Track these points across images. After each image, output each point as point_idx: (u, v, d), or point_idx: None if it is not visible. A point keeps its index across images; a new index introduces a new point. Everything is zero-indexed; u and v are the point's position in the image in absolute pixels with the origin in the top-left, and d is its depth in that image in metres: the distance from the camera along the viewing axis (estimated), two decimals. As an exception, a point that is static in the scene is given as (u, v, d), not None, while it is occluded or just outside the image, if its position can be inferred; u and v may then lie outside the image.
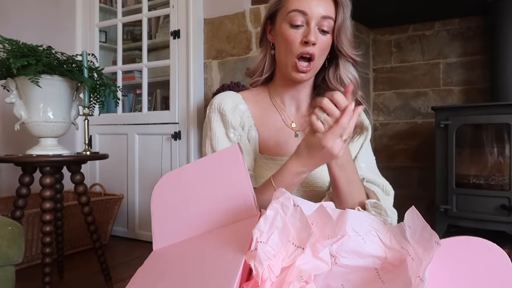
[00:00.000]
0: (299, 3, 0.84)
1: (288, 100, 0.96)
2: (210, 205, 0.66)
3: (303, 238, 0.52)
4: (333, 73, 0.93)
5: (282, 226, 0.54)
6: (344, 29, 0.88)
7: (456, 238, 0.56)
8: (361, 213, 0.58)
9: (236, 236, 0.58)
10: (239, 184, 0.66)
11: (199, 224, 0.66)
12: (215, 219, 0.65)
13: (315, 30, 0.84)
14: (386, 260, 0.56)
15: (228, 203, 0.65)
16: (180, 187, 0.69)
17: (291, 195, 0.55)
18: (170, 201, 0.68)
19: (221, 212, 0.65)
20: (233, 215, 0.64)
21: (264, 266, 0.50)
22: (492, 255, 0.54)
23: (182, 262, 0.60)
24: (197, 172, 0.69)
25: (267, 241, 0.52)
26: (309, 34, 0.83)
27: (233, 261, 0.52)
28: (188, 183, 0.68)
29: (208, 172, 0.68)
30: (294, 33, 0.85)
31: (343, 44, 0.88)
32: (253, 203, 0.64)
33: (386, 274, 0.54)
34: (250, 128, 0.92)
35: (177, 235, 0.67)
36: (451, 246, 0.55)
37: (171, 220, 0.68)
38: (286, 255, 0.53)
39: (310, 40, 0.83)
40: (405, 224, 0.55)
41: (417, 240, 0.53)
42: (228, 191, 0.66)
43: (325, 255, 0.52)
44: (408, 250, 0.54)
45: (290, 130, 0.95)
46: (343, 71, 0.91)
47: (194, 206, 0.67)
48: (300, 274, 0.50)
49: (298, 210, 0.54)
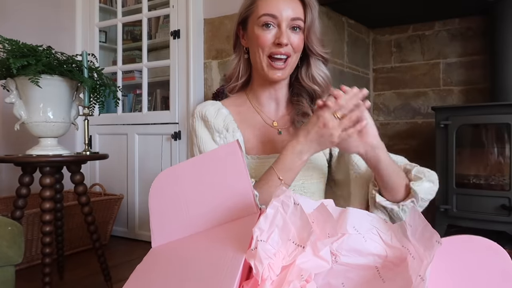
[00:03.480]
0: (269, 7, 0.88)
1: (267, 101, 0.98)
2: (210, 203, 0.66)
3: (304, 236, 0.52)
4: (305, 71, 0.96)
5: (283, 224, 0.53)
6: (314, 29, 0.91)
7: (457, 237, 0.56)
8: (361, 211, 0.58)
9: (236, 234, 0.58)
10: (238, 181, 0.66)
11: (199, 222, 0.66)
12: (214, 217, 0.65)
13: (287, 31, 0.88)
14: (386, 258, 0.56)
15: (227, 201, 0.65)
16: (178, 184, 0.68)
17: (291, 193, 0.55)
18: (168, 198, 0.68)
19: (220, 209, 0.65)
20: (233, 213, 0.64)
21: (264, 265, 0.49)
22: (494, 254, 0.54)
23: (181, 259, 0.59)
24: (195, 169, 0.69)
25: (267, 240, 0.52)
26: (281, 36, 0.87)
27: (233, 260, 0.52)
28: (186, 180, 0.68)
29: (207, 169, 0.68)
30: (267, 34, 0.88)
31: (313, 43, 0.92)
32: (253, 200, 0.64)
33: (387, 272, 0.54)
34: (234, 130, 0.93)
35: (176, 232, 0.66)
36: (452, 245, 0.55)
37: (169, 217, 0.67)
38: (286, 253, 0.53)
39: (283, 42, 0.86)
40: (406, 222, 0.55)
41: (418, 238, 0.53)
42: (227, 188, 0.66)
43: (325, 253, 0.52)
44: (409, 248, 0.54)
45: (272, 128, 0.97)
46: (314, 69, 0.95)
47: (193, 203, 0.66)
48: (301, 273, 0.50)
49: (299, 209, 0.53)
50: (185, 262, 0.58)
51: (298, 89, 0.99)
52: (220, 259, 0.54)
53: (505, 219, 2.06)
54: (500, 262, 0.53)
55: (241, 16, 0.95)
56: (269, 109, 0.99)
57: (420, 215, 0.54)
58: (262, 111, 0.98)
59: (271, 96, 0.98)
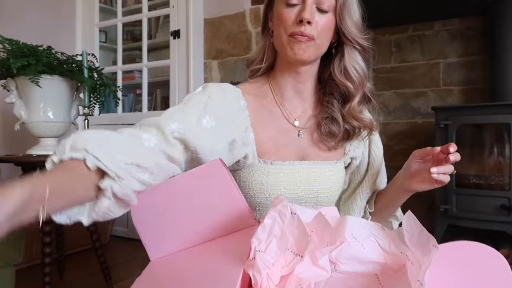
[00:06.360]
0: None
1: (290, 94, 0.86)
2: (202, 219, 0.64)
3: (302, 246, 0.52)
4: (338, 64, 0.83)
5: (280, 234, 0.53)
6: (348, 8, 0.78)
7: (453, 243, 0.56)
8: (359, 219, 0.58)
9: (235, 246, 0.58)
10: (229, 198, 0.63)
11: (194, 237, 0.64)
12: (210, 232, 0.64)
13: (312, 7, 0.76)
14: (385, 265, 0.56)
15: (222, 217, 0.63)
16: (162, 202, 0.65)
17: (288, 203, 0.55)
18: (153, 215, 0.65)
19: (215, 225, 0.63)
20: (229, 227, 0.63)
21: (263, 275, 0.49)
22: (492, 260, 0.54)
23: (181, 272, 0.59)
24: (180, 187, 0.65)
25: (265, 250, 0.52)
26: (303, 11, 0.75)
27: (232, 271, 0.52)
28: (171, 197, 0.65)
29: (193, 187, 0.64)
30: (289, 11, 0.77)
31: (347, 25, 0.78)
32: (249, 214, 0.63)
33: (386, 279, 0.55)
34: (247, 130, 0.80)
35: (171, 246, 0.65)
36: (450, 251, 0.55)
37: (159, 232, 0.66)
38: (285, 263, 0.52)
39: (304, 18, 0.74)
40: (404, 228, 0.55)
41: (415, 244, 0.53)
42: (219, 205, 0.63)
43: (324, 262, 0.52)
44: (407, 254, 0.54)
45: (292, 128, 0.86)
46: (348, 60, 0.82)
47: (183, 219, 0.64)
48: (300, 282, 0.50)
49: (296, 218, 0.53)
50: (185, 274, 0.58)
51: (331, 88, 0.86)
52: (219, 270, 0.54)
53: (505, 219, 2.05)
54: (498, 268, 0.53)
55: None
56: (292, 105, 0.87)
57: (416, 219, 0.54)
58: (284, 105, 0.86)
59: (294, 88, 0.85)
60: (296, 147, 0.85)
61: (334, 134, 0.85)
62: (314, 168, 0.84)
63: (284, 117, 0.86)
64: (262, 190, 0.80)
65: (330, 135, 0.86)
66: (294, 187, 0.82)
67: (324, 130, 0.85)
